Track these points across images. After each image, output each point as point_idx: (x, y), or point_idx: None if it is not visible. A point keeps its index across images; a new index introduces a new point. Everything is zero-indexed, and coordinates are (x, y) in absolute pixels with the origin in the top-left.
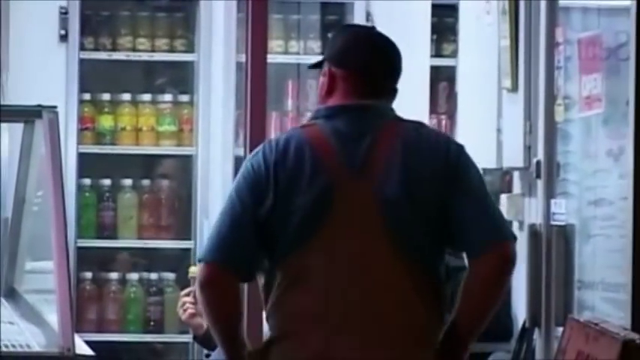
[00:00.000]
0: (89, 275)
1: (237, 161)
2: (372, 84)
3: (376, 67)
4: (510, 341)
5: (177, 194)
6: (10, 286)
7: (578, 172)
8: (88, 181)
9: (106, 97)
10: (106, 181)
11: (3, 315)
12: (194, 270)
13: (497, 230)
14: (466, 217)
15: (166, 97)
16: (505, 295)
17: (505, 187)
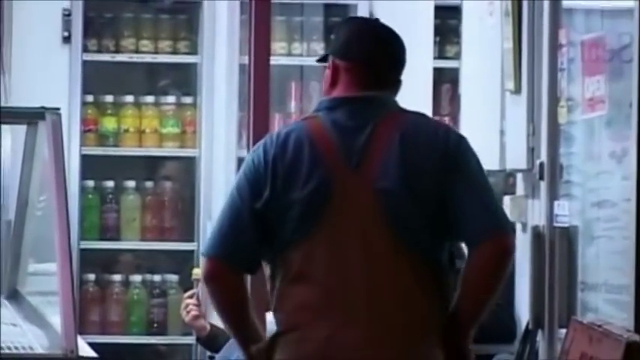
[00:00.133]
0: (92, 277)
1: (240, 163)
2: (376, 75)
3: (379, 59)
4: (513, 343)
5: (180, 196)
6: (13, 288)
7: (581, 174)
8: (91, 183)
9: (109, 98)
10: (109, 183)
11: (6, 317)
12: (197, 272)
13: (494, 221)
14: (464, 208)
15: (169, 98)
16: (504, 286)
17: (508, 189)
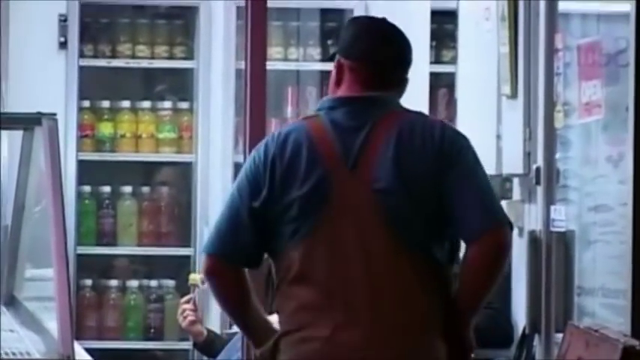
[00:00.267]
0: (89, 282)
1: (237, 168)
2: (379, 75)
3: (383, 58)
4: (510, 348)
5: (176, 201)
6: (10, 294)
7: (577, 179)
8: (87, 189)
9: (106, 104)
10: (106, 189)
11: (3, 322)
12: (194, 277)
13: (491, 216)
14: (461, 203)
15: (166, 104)
16: (501, 285)
17: (505, 194)
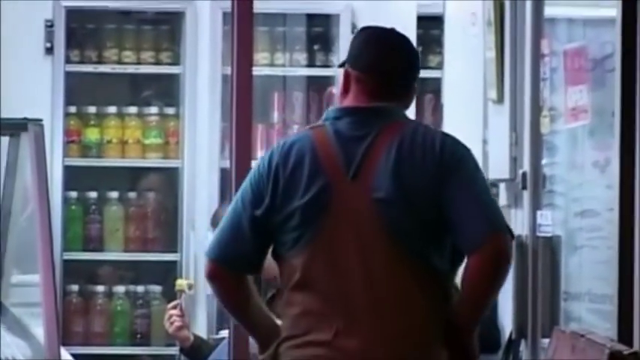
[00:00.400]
0: (75, 288)
1: (223, 173)
2: (385, 85)
3: (389, 69)
4: (497, 353)
5: (163, 207)
6: None
7: (564, 184)
8: (74, 194)
9: (92, 109)
10: (92, 194)
11: None
12: (181, 282)
13: (491, 224)
14: (461, 213)
15: (152, 109)
16: (498, 294)
17: None
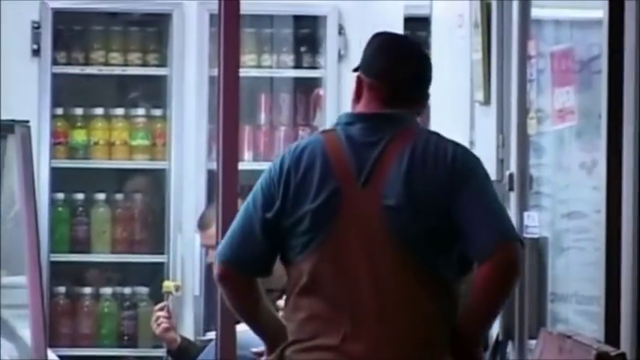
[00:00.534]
0: (63, 290)
1: (210, 175)
2: (397, 93)
3: (401, 77)
4: (484, 354)
5: (150, 208)
6: None
7: (551, 185)
8: (61, 196)
9: (79, 111)
10: (79, 196)
11: None
12: (167, 284)
13: (502, 233)
14: (472, 222)
15: (139, 111)
16: (505, 303)
17: None
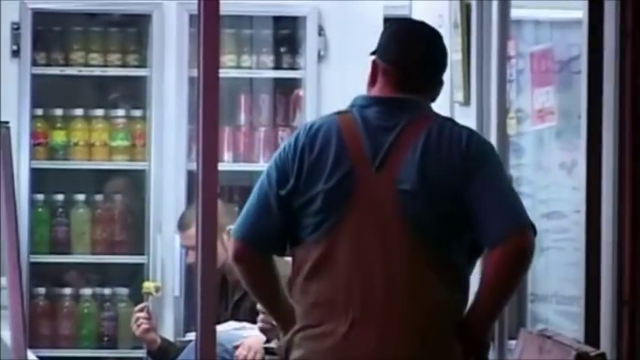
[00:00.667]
0: (42, 291)
1: (190, 176)
2: (411, 79)
3: (415, 63)
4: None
5: (130, 209)
6: None
7: (531, 185)
8: (41, 197)
9: (59, 112)
10: (59, 197)
11: None
12: (147, 285)
13: (516, 219)
14: (487, 208)
15: (119, 112)
16: (515, 290)
17: None
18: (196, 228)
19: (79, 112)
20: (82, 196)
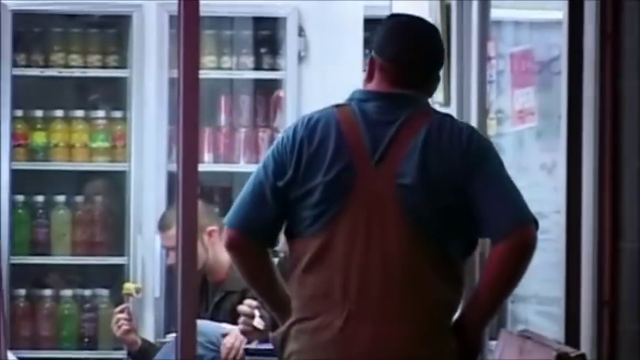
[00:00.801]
0: (23, 292)
1: (170, 177)
2: (408, 75)
3: (413, 59)
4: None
5: (110, 210)
6: None
7: None
8: (21, 198)
9: (39, 113)
10: (40, 198)
11: None
12: (128, 286)
13: (519, 214)
14: (489, 202)
15: (99, 113)
16: (517, 285)
17: None
18: (177, 228)
19: (59, 113)
20: (62, 198)
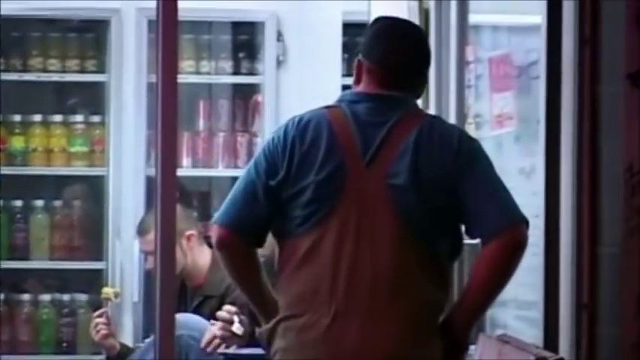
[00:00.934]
0: (1, 297)
1: (149, 181)
2: (395, 77)
3: (399, 62)
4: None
5: (88, 215)
6: None
7: None
8: None
9: (17, 118)
10: (18, 203)
11: None
12: (106, 290)
13: (510, 214)
14: (480, 202)
15: (78, 117)
16: (506, 285)
17: None
18: (155, 233)
19: (37, 117)
20: (40, 202)
